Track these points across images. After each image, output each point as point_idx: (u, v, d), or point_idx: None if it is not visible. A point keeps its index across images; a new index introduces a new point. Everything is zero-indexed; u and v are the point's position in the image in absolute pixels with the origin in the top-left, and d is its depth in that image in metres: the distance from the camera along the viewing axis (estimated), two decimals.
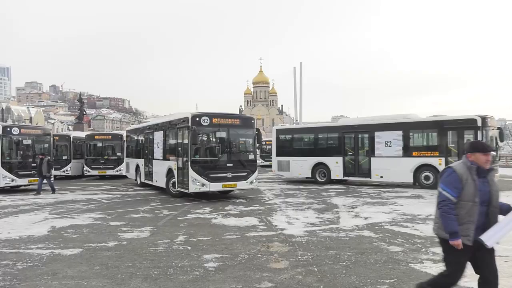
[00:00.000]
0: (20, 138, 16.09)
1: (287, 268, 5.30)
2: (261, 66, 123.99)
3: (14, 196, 14.45)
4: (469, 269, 5.11)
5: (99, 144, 23.30)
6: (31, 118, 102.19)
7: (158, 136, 14.80)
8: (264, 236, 7.30)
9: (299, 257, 5.80)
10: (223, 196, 13.16)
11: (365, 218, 8.95)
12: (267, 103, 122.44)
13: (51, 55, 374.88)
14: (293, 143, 19.38)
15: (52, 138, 17.95)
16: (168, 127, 14.05)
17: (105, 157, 22.92)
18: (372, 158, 16.05)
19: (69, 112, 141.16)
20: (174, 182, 13.01)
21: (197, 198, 12.71)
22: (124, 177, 20.79)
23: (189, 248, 6.46)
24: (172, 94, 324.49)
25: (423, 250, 6.12)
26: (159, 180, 14.42)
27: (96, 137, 24.06)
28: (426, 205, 10.93)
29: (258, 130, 13.17)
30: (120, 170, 22.20)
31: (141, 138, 17.53)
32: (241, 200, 12.42)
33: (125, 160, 19.99)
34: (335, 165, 17.11)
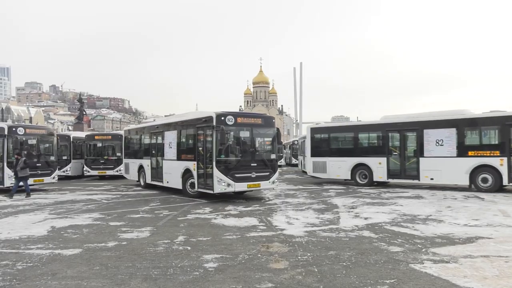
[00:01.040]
0: (25, 138, 16.14)
1: (287, 269, 5.30)
2: (261, 66, 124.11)
3: (14, 196, 14.44)
4: (469, 269, 5.12)
5: (99, 144, 23.32)
6: (31, 118, 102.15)
7: (170, 136, 14.49)
8: (264, 236, 7.30)
9: (299, 258, 5.80)
10: (223, 196, 13.09)
11: (365, 219, 8.94)
12: (267, 103, 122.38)
13: (51, 55, 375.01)
14: (330, 142, 18.08)
15: (56, 138, 18.03)
16: (184, 126, 13.77)
17: (105, 157, 22.97)
18: (421, 159, 14.79)
19: (69, 112, 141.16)
20: (192, 183, 12.87)
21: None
22: (124, 177, 20.74)
23: (189, 248, 6.45)
24: (172, 94, 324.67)
25: (423, 250, 6.11)
26: (172, 180, 14.13)
27: (96, 137, 24.07)
28: (426, 205, 10.94)
29: (278, 129, 13.11)
30: (120, 170, 22.20)
31: (145, 138, 17.07)
32: (241, 200, 12.41)
33: (124, 160, 19.37)
34: (378, 166, 15.94)
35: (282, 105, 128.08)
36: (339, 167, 17.22)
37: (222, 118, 11.67)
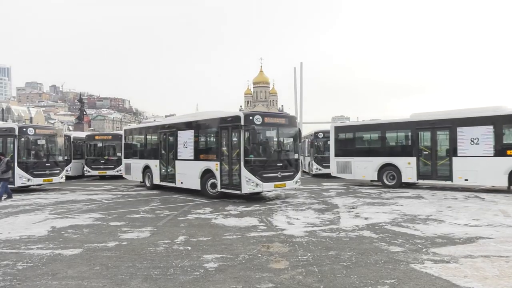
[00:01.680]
0: (35, 139, 16.25)
1: (287, 269, 5.30)
2: (261, 66, 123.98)
3: (14, 196, 14.45)
4: (469, 269, 5.12)
5: (99, 144, 23.35)
6: (31, 118, 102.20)
7: (185, 135, 14.22)
8: (265, 236, 7.30)
9: (299, 258, 5.80)
10: (223, 197, 13.05)
11: (366, 219, 8.94)
12: (268, 103, 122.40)
13: (52, 55, 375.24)
14: (355, 142, 17.32)
15: (64, 139, 18.22)
16: (204, 126, 13.62)
17: (105, 157, 23.01)
18: (454, 158, 13.91)
19: (69, 112, 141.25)
20: (213, 183, 12.80)
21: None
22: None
23: (189, 248, 6.45)
24: (172, 94, 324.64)
25: (423, 250, 6.11)
26: (188, 181, 13.92)
27: (96, 137, 24.09)
28: (426, 205, 10.93)
29: (299, 129, 13.11)
30: (120, 170, 22.22)
31: (152, 138, 16.67)
32: (241, 200, 12.41)
33: (124, 161, 18.65)
34: (407, 167, 15.12)
35: (282, 105, 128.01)
36: (365, 167, 16.43)
37: (250, 117, 11.67)
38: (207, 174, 13.03)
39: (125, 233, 7.71)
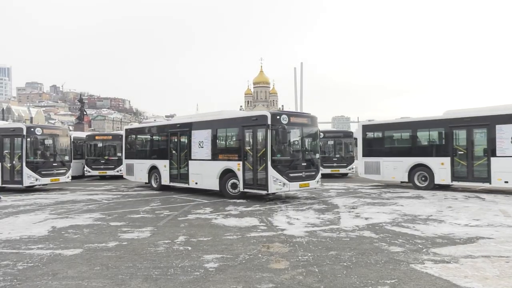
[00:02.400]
0: (42, 139, 16.31)
1: (287, 269, 5.29)
2: (261, 66, 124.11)
3: (15, 196, 14.47)
4: (469, 269, 5.12)
5: (100, 145, 23.34)
6: (31, 118, 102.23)
7: (201, 135, 13.96)
8: (265, 236, 7.30)
9: (300, 258, 5.80)
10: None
11: (366, 219, 8.93)
12: (268, 103, 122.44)
13: (52, 55, 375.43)
14: (385, 141, 16.39)
15: (70, 139, 18.29)
16: (223, 125, 13.47)
17: (106, 157, 23.01)
18: (492, 159, 12.95)
19: (70, 113, 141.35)
20: (234, 183, 12.72)
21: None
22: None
23: (189, 248, 6.45)
24: (173, 95, 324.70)
25: (424, 250, 6.11)
26: (204, 182, 13.73)
27: (96, 137, 24.09)
28: (426, 205, 10.93)
29: (318, 129, 13.16)
30: (120, 170, 22.23)
31: (160, 137, 16.27)
32: (242, 201, 12.41)
33: (125, 161, 17.96)
34: (440, 167, 14.14)
35: (282, 105, 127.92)
36: (395, 168, 15.55)
37: (277, 117, 11.64)
38: (227, 174, 12.91)
39: (126, 233, 7.71)
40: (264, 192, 11.88)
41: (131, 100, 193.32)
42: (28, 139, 15.71)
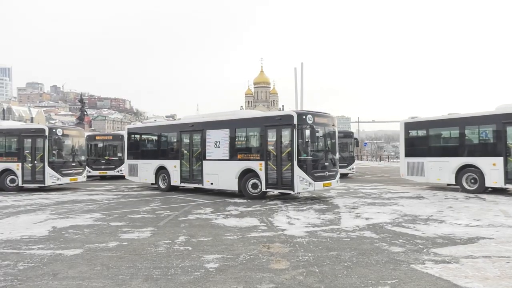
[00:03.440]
0: (63, 139, 16.52)
1: (288, 269, 5.29)
2: (262, 67, 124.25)
3: (15, 196, 14.49)
4: (470, 270, 5.11)
5: (100, 145, 23.39)
6: (32, 118, 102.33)
7: (217, 135, 13.77)
8: (265, 236, 7.30)
9: (300, 258, 5.79)
10: (224, 197, 13.07)
11: (366, 219, 8.93)
12: (268, 103, 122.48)
13: (52, 55, 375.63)
14: (429, 139, 15.11)
15: (84, 139, 18.57)
16: (243, 124, 13.37)
17: (106, 157, 23.04)
18: None
19: (70, 113, 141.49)
20: (254, 183, 12.66)
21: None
22: (125, 177, 20.69)
23: (190, 248, 6.45)
24: (173, 95, 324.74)
25: (424, 250, 6.10)
26: (221, 182, 13.61)
27: (97, 137, 24.12)
28: (427, 205, 10.92)
29: (336, 128, 13.22)
30: (121, 170, 22.26)
31: (169, 137, 16.00)
32: (242, 201, 12.41)
33: (128, 161, 17.49)
34: (492, 168, 12.87)
35: (283, 105, 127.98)
36: (440, 168, 14.28)
37: (304, 116, 11.68)
38: (247, 174, 12.87)
39: (126, 233, 7.71)
40: (290, 192, 11.94)
41: (132, 100, 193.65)
42: (50, 140, 16.01)
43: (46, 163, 15.83)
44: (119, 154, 22.72)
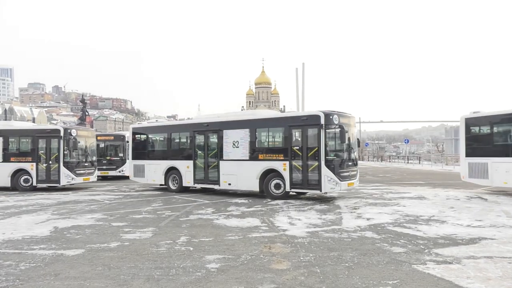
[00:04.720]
0: (77, 140, 16.66)
1: (289, 269, 5.29)
2: (263, 67, 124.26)
3: (17, 196, 14.52)
4: (472, 270, 5.10)
5: (102, 145, 23.41)
6: (33, 118, 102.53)
7: (236, 135, 13.57)
8: (266, 237, 7.29)
9: (301, 258, 5.79)
10: (225, 197, 13.05)
11: (368, 219, 8.92)
12: (269, 103, 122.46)
13: (54, 56, 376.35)
14: (494, 137, 13.22)
15: (95, 140, 18.85)
16: (265, 125, 13.32)
17: (108, 157, 23.07)
18: None
19: (72, 113, 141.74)
20: (277, 184, 12.59)
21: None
22: (126, 177, 20.75)
23: (191, 249, 6.46)
24: (174, 95, 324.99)
25: (426, 251, 6.09)
26: (240, 182, 13.44)
27: (98, 137, 24.07)
28: (428, 206, 10.90)
29: (356, 128, 13.29)
30: (122, 170, 22.31)
31: (181, 137, 15.67)
32: (243, 201, 12.41)
33: (133, 162, 16.88)
34: None
35: (284, 106, 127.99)
36: (507, 170, 12.33)
37: (330, 117, 11.75)
38: (269, 175, 12.81)
39: (127, 234, 7.72)
40: (317, 192, 11.98)
41: (133, 100, 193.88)
42: (65, 140, 16.24)
43: (61, 163, 16.09)
44: (121, 155, 22.77)
